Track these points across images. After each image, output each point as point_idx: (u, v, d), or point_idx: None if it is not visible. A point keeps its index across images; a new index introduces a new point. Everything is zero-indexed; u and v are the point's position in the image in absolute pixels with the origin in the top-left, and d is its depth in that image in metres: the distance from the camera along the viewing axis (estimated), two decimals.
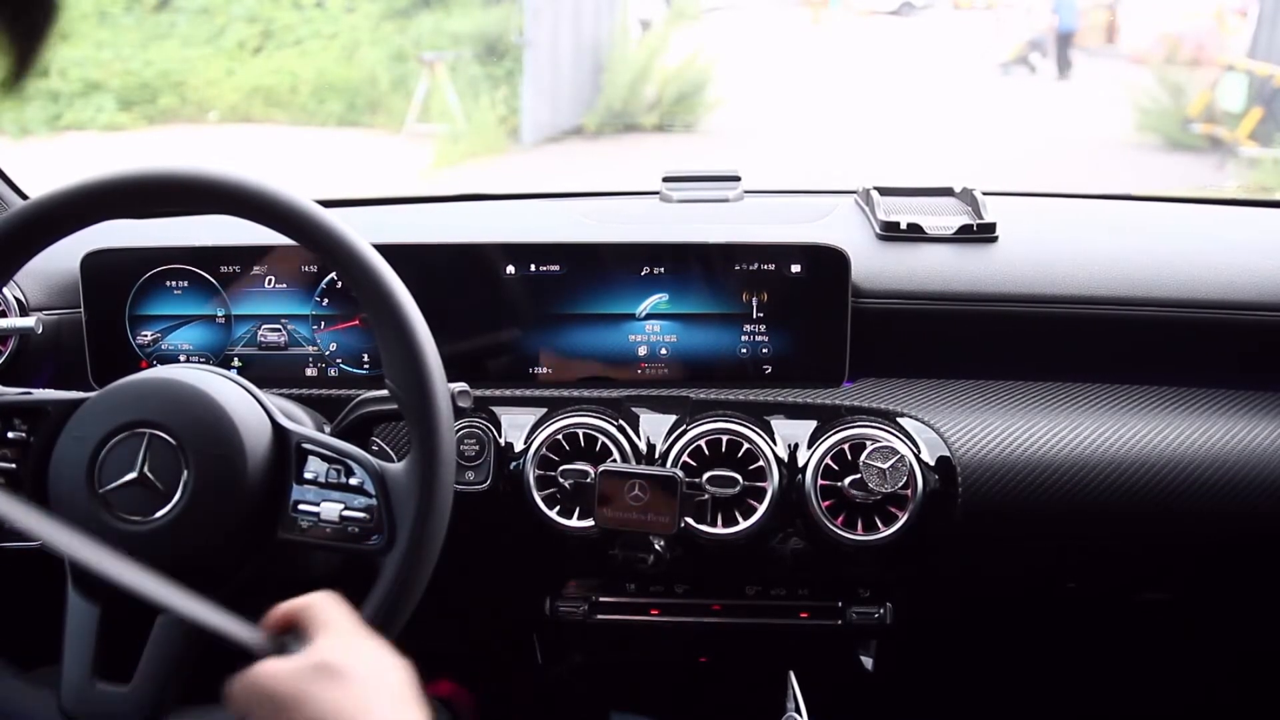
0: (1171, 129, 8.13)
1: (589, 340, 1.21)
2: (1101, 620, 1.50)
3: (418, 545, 0.84)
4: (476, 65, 8.38)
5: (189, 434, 0.87)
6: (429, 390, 0.86)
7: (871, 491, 1.12)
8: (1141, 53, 11.94)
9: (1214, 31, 11.74)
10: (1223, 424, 1.21)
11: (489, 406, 1.21)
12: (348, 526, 0.87)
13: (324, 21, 8.85)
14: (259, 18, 8.80)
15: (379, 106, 8.49)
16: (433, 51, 8.36)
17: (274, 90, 8.49)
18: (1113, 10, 14.83)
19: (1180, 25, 12.02)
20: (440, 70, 8.07)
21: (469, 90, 8.10)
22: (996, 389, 1.23)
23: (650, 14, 10.40)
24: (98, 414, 0.89)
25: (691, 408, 1.20)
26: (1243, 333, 1.22)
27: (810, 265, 1.18)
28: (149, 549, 0.85)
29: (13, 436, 0.92)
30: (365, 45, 8.71)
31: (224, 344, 1.22)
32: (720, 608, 1.25)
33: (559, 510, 1.16)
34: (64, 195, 0.89)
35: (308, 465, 0.90)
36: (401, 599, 0.84)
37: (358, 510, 0.87)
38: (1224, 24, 11.93)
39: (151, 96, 8.23)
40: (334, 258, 0.88)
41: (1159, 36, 12.01)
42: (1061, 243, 1.33)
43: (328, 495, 0.88)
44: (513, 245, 1.20)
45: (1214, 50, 11.18)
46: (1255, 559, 1.27)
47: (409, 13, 8.86)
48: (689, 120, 8.57)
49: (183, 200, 0.91)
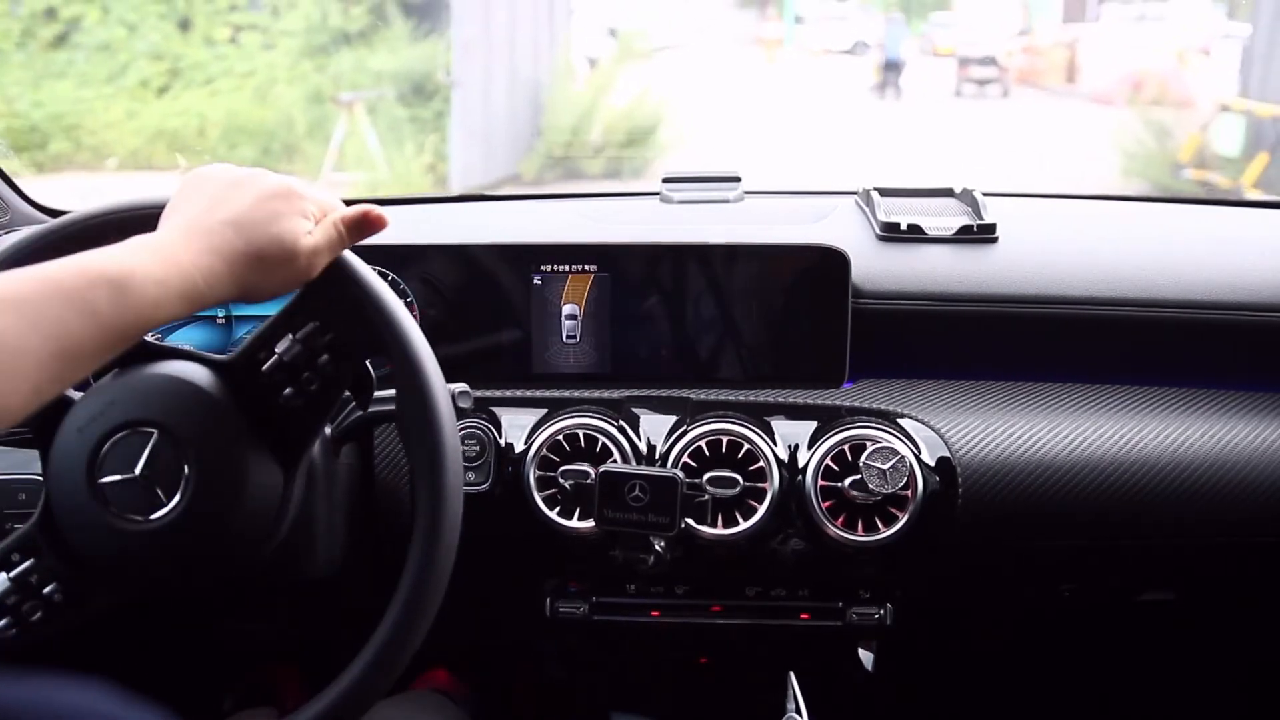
0: (1161, 175, 7.60)
1: (589, 341, 1.21)
2: (1102, 621, 1.50)
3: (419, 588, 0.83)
4: (401, 107, 7.66)
5: (191, 433, 0.87)
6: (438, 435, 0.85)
7: (872, 492, 1.12)
8: (1104, 93, 11.96)
9: (1177, 71, 11.51)
10: (1224, 424, 1.21)
11: (489, 407, 1.21)
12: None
13: (238, 58, 7.93)
14: (165, 54, 7.79)
15: (295, 152, 7.62)
16: (350, 92, 7.60)
17: (180, 134, 7.51)
18: (1072, 49, 14.78)
19: (1142, 65, 11.92)
20: (359, 112, 7.37)
21: (391, 134, 7.43)
22: (997, 390, 1.23)
23: (598, 52, 9.83)
24: (98, 410, 0.89)
25: (692, 408, 1.21)
26: (1243, 333, 1.22)
27: (810, 266, 1.18)
28: (149, 548, 0.85)
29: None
30: (281, 84, 7.87)
31: (224, 344, 1.22)
32: (720, 608, 1.25)
33: (559, 511, 1.16)
34: (86, 218, 0.88)
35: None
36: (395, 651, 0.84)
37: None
38: (1186, 63, 11.73)
39: (42, 141, 7.20)
40: None
41: (1121, 77, 11.95)
42: (1062, 243, 1.33)
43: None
44: (514, 246, 1.20)
45: (1179, 90, 10.95)
46: (1256, 560, 1.27)
47: (329, 49, 8.00)
48: (638, 165, 7.84)
49: None
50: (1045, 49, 15.18)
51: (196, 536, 0.86)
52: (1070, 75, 14.52)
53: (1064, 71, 14.52)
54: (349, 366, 0.88)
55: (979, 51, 14.27)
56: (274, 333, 0.88)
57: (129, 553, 0.86)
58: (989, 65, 14.18)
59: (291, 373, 0.87)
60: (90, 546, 0.87)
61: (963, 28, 16.15)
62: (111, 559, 0.87)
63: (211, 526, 0.86)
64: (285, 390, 0.87)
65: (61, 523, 0.87)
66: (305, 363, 0.87)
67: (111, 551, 0.86)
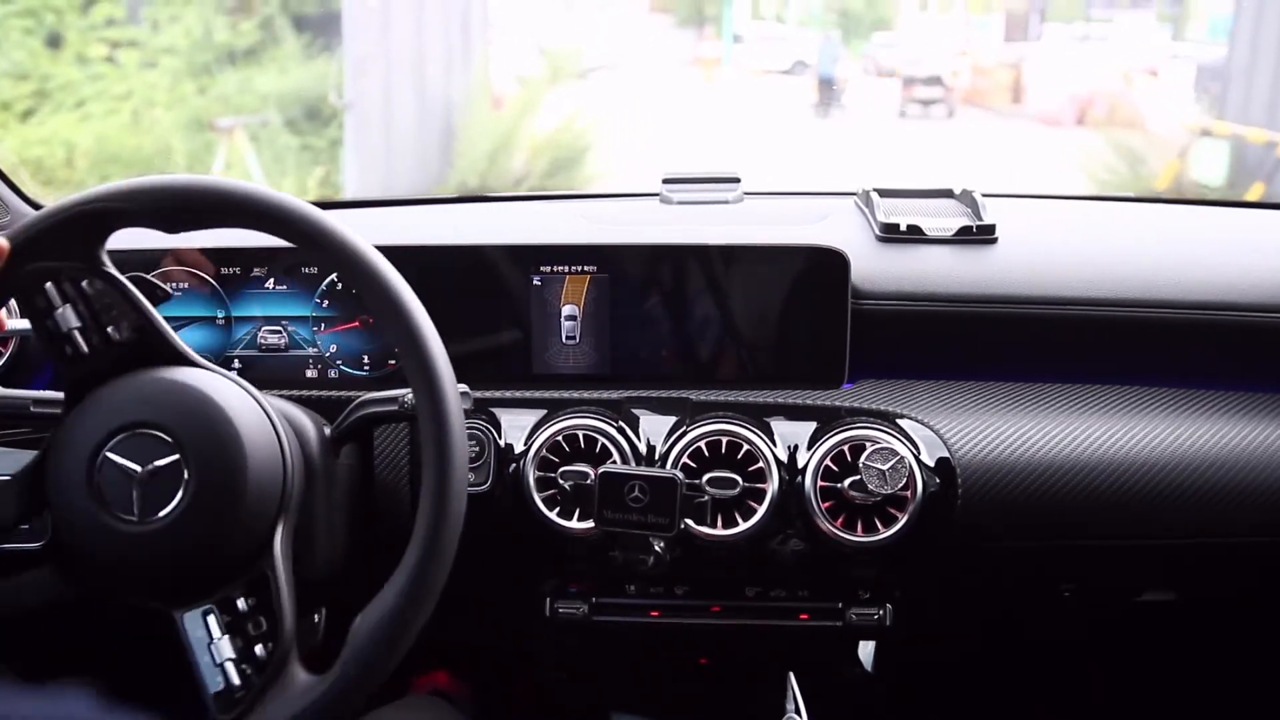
0: None
1: (589, 341, 1.21)
2: (1102, 621, 1.50)
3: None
4: (290, 134, 6.83)
5: (189, 435, 0.87)
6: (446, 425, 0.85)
7: (871, 493, 1.12)
8: (1052, 114, 11.63)
9: (1124, 92, 11.35)
10: (1223, 425, 1.21)
11: (489, 408, 1.21)
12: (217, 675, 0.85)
13: (115, 79, 6.90)
14: (32, 74, 6.76)
15: None
16: (231, 117, 6.78)
17: (44, 163, 6.54)
18: (1017, 69, 14.39)
19: (1088, 86, 11.78)
20: (240, 138, 6.63)
21: (276, 165, 6.64)
22: (996, 390, 1.23)
23: (529, 70, 8.97)
24: (98, 414, 0.89)
25: (691, 409, 1.21)
26: (1242, 334, 1.22)
27: (810, 267, 1.18)
28: (148, 550, 0.86)
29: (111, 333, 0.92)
30: (160, 108, 6.92)
31: (224, 345, 1.22)
32: (720, 609, 1.25)
33: (559, 511, 1.16)
34: (120, 193, 0.88)
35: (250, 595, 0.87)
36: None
37: (235, 675, 0.85)
38: (1132, 83, 11.59)
39: None
40: (340, 263, 0.89)
41: (1069, 98, 11.72)
42: (1061, 244, 1.33)
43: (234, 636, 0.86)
44: (512, 247, 1.20)
45: (1128, 111, 10.75)
46: (1256, 560, 1.27)
47: (214, 68, 7.08)
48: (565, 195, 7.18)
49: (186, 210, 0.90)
50: (989, 69, 14.82)
51: (196, 538, 0.86)
52: (1016, 96, 14.14)
53: (1009, 92, 14.12)
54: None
55: (923, 71, 13.74)
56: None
57: (126, 554, 0.86)
58: (934, 85, 13.66)
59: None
60: (88, 548, 0.87)
61: (906, 47, 15.51)
62: (109, 560, 0.87)
63: (211, 528, 0.86)
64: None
65: (59, 524, 0.88)
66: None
67: (109, 553, 0.86)
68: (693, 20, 19.85)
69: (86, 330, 0.91)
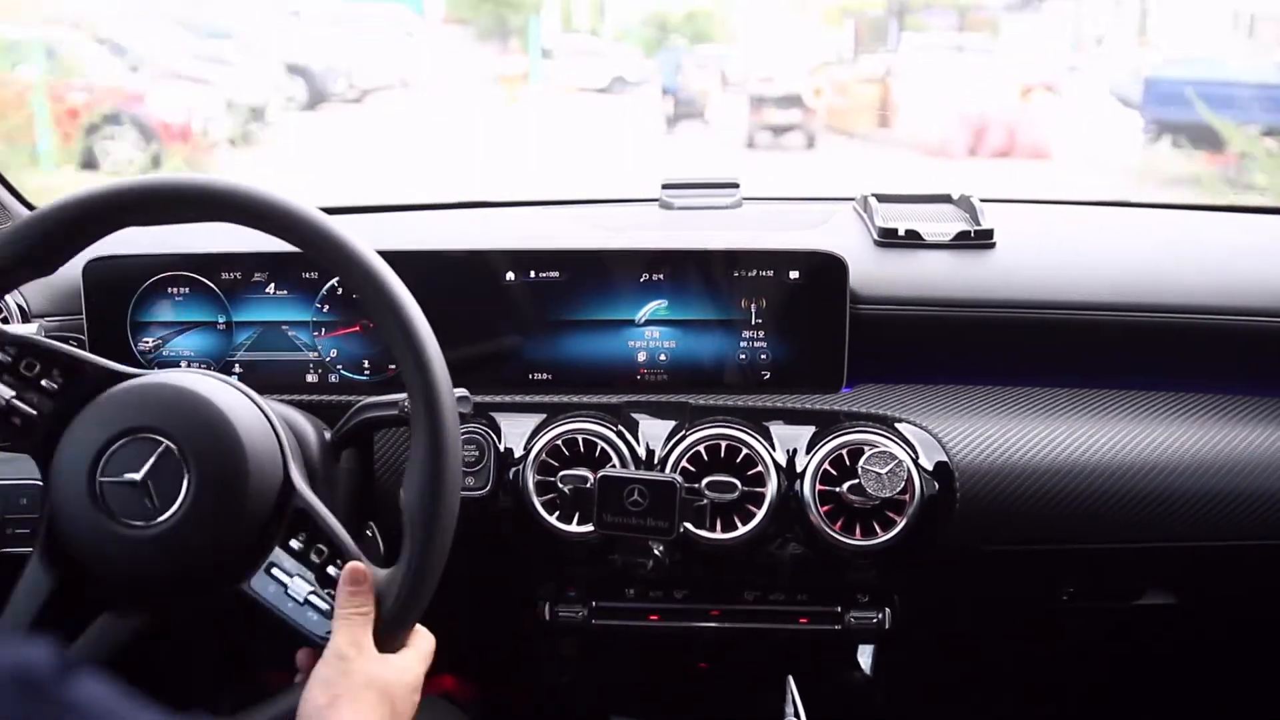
0: None
1: (589, 346, 1.21)
2: (1101, 624, 1.50)
3: (427, 559, 0.85)
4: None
5: (190, 439, 0.88)
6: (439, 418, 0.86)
7: (870, 497, 1.12)
8: (940, 143, 9.31)
9: (1024, 113, 9.36)
10: (1220, 428, 1.21)
11: (489, 412, 1.21)
12: (308, 610, 0.87)
13: None
14: None
15: None
16: None
17: None
18: (884, 85, 11.30)
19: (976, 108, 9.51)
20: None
21: None
22: (994, 394, 1.23)
23: (277, 95, 8.40)
24: (100, 419, 0.89)
25: (690, 413, 1.21)
26: (1240, 338, 1.23)
27: (809, 271, 1.19)
28: (150, 554, 0.86)
29: (45, 385, 0.91)
30: None
31: (225, 350, 1.23)
32: (719, 613, 1.26)
33: (558, 515, 1.16)
34: (78, 202, 0.89)
35: (298, 534, 0.89)
36: (412, 608, 0.86)
37: (322, 600, 0.87)
38: (1030, 100, 9.71)
39: None
40: (338, 266, 0.89)
41: (955, 122, 9.43)
42: (1059, 249, 1.34)
43: (303, 571, 0.88)
44: (513, 252, 1.21)
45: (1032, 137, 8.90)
46: (1256, 563, 1.27)
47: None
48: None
49: (192, 209, 0.91)
50: (848, 85, 11.69)
51: (198, 541, 0.87)
52: (884, 119, 11.23)
53: (875, 114, 11.24)
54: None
55: (776, 89, 10.65)
56: None
57: (129, 558, 0.86)
58: (790, 107, 10.60)
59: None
60: (90, 552, 0.87)
61: (751, 60, 12.58)
62: (111, 564, 0.87)
63: (212, 532, 0.87)
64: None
65: (62, 528, 0.88)
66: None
67: (112, 556, 0.87)
68: (494, 33, 17.99)
69: (22, 394, 0.91)
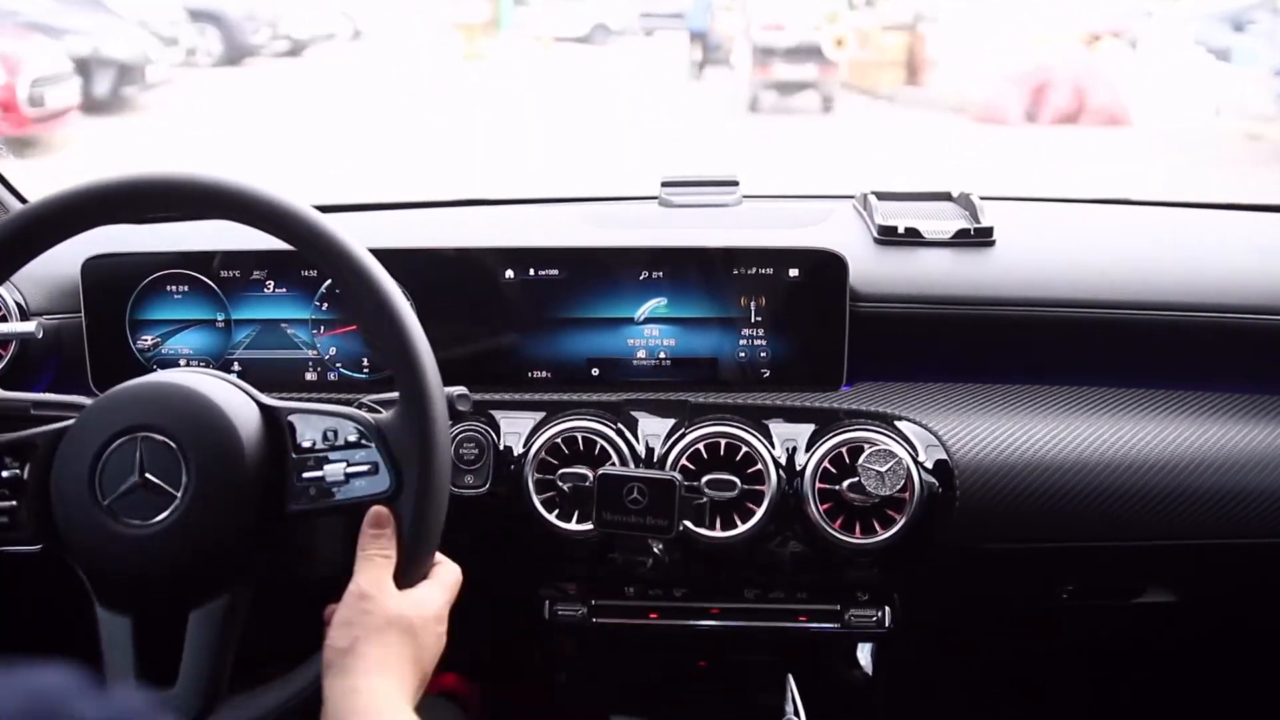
0: None
1: (588, 344, 1.21)
2: (1101, 622, 1.50)
3: (427, 482, 0.86)
4: None
5: (187, 436, 0.88)
6: (418, 369, 0.87)
7: (869, 495, 1.12)
8: (992, 105, 7.65)
9: (1087, 64, 7.65)
10: (1220, 426, 1.21)
11: (488, 410, 1.21)
12: (353, 481, 0.88)
13: None
14: None
15: None
16: None
17: None
18: (913, 35, 9.50)
19: (1031, 58, 7.88)
20: None
21: None
22: (994, 392, 1.23)
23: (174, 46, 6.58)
24: (98, 420, 0.89)
25: (690, 411, 1.21)
26: (1238, 336, 1.23)
27: (808, 269, 1.19)
28: (155, 551, 0.86)
29: (6, 475, 0.91)
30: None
31: (224, 348, 1.23)
32: (719, 611, 1.26)
33: (558, 514, 1.16)
34: (64, 198, 0.89)
35: (302, 435, 0.90)
36: (423, 539, 0.87)
37: (360, 464, 0.88)
38: (1098, 50, 8.08)
39: None
40: (327, 261, 0.89)
41: (1012, 78, 7.75)
42: (1058, 247, 1.33)
43: (328, 457, 0.89)
44: (512, 250, 1.20)
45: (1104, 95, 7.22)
46: (1255, 561, 1.27)
47: None
48: None
49: (181, 205, 0.91)
50: (869, 34, 9.56)
51: (201, 535, 0.86)
52: (913, 74, 9.31)
53: (903, 69, 9.28)
54: None
55: (787, 39, 8.70)
56: None
57: (130, 557, 0.86)
58: (805, 61, 8.68)
59: None
60: (92, 551, 0.87)
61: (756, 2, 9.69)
62: (113, 563, 0.87)
63: (215, 524, 0.87)
64: None
65: (62, 527, 0.88)
66: None
67: (113, 556, 0.86)
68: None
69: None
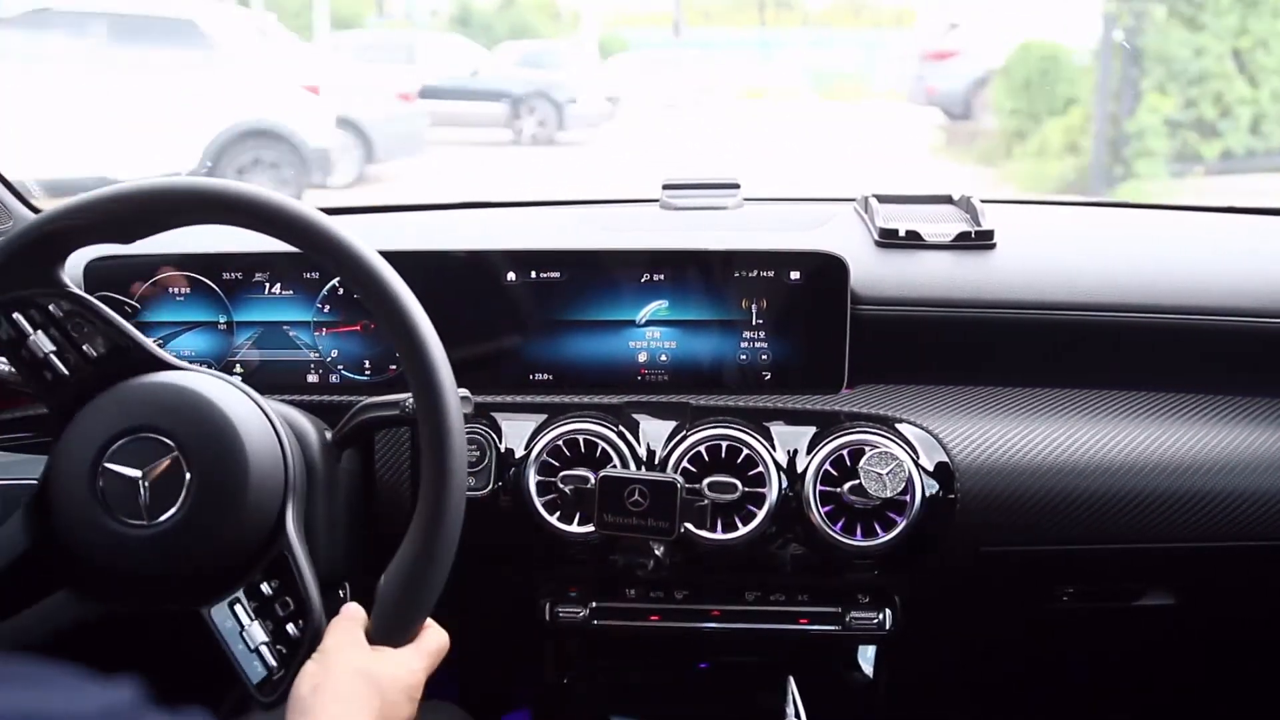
0: None
1: (589, 346, 1.21)
2: (1101, 625, 1.50)
3: (429, 554, 0.86)
4: None
5: (191, 439, 0.88)
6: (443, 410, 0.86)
7: (871, 497, 1.12)
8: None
9: None
10: (1220, 430, 1.21)
11: (489, 413, 1.21)
12: (255, 661, 0.86)
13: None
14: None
15: None
16: None
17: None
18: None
19: None
20: None
21: None
22: (995, 395, 1.23)
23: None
24: (100, 418, 0.89)
25: (691, 414, 1.21)
26: (1240, 339, 1.23)
27: (809, 272, 1.19)
28: (151, 553, 0.86)
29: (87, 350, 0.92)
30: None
31: (226, 350, 1.23)
32: (720, 613, 1.26)
33: (559, 516, 1.16)
34: (69, 211, 0.89)
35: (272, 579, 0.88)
36: (410, 604, 0.86)
37: (271, 656, 0.86)
38: None
39: None
40: (341, 267, 0.89)
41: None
42: (1059, 250, 1.34)
43: (264, 620, 0.87)
44: (513, 252, 1.21)
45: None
46: (1255, 564, 1.27)
47: None
48: None
49: (190, 212, 0.91)
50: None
51: (200, 540, 0.87)
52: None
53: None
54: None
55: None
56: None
57: (120, 554, 0.86)
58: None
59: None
60: (82, 543, 0.87)
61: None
62: (102, 558, 0.87)
63: (214, 530, 0.87)
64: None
65: (60, 526, 0.88)
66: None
67: (104, 550, 0.87)
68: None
69: (63, 352, 0.91)
